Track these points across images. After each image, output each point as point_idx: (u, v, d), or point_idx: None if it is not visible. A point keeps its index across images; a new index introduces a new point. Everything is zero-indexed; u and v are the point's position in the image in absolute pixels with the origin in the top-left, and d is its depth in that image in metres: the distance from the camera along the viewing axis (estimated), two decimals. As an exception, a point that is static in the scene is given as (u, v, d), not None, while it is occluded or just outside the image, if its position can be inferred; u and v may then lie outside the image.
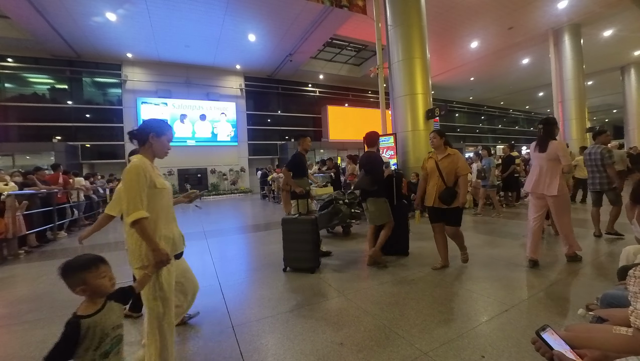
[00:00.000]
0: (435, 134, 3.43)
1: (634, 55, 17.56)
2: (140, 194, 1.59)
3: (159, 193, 1.73)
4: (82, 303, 1.27)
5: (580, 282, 2.91)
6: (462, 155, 4.07)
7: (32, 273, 4.18)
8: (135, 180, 1.60)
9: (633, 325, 0.92)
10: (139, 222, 1.54)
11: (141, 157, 1.75)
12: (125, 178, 1.62)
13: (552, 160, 3.26)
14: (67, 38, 12.78)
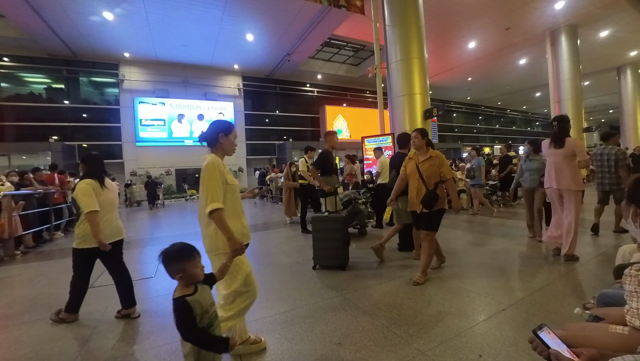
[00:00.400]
0: (417, 133, 3.17)
1: (630, 56, 17.69)
2: (217, 188, 1.78)
3: (230, 188, 1.90)
4: (177, 289, 1.40)
5: (576, 281, 2.93)
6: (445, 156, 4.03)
7: (28, 273, 4.15)
8: (213, 175, 1.80)
9: (629, 324, 0.92)
10: (215, 212, 1.71)
11: (215, 155, 1.92)
12: (204, 174, 1.79)
13: (569, 156, 3.37)
14: (63, 37, 12.72)
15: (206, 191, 1.76)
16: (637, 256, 1.94)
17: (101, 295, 3.17)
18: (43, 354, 2.12)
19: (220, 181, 1.81)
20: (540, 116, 35.24)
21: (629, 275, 0.94)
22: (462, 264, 3.57)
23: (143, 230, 7.43)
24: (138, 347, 2.16)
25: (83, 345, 2.20)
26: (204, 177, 1.79)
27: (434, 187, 3.03)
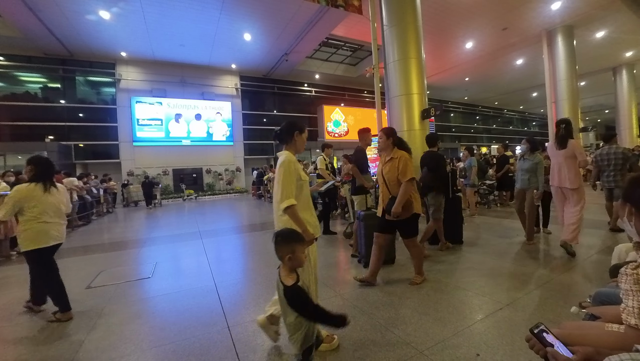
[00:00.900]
0: (381, 133, 2.95)
1: (625, 57, 17.82)
2: (291, 185, 1.90)
3: (304, 184, 2.02)
4: (283, 276, 1.48)
5: (573, 280, 2.95)
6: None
7: (24, 274, 4.10)
8: (289, 172, 1.91)
9: (625, 322, 0.93)
10: (290, 207, 1.85)
11: (289, 153, 2.04)
12: (280, 170, 1.90)
13: (570, 157, 3.60)
14: (59, 36, 12.62)
15: (281, 187, 1.89)
16: (633, 255, 1.96)
17: (98, 295, 3.16)
18: (39, 355, 2.11)
19: (295, 178, 1.94)
20: (536, 116, 35.41)
21: (625, 273, 0.95)
22: (459, 263, 3.58)
23: (140, 230, 7.39)
24: (136, 347, 2.15)
25: (80, 346, 2.19)
26: (279, 173, 1.91)
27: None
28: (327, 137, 19.99)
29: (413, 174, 2.83)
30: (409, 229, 2.95)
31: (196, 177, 17.47)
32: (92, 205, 9.75)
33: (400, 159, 2.85)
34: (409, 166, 2.82)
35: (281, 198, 1.86)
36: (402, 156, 2.86)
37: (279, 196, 1.88)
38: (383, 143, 2.95)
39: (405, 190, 2.77)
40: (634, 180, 1.03)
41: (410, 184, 2.79)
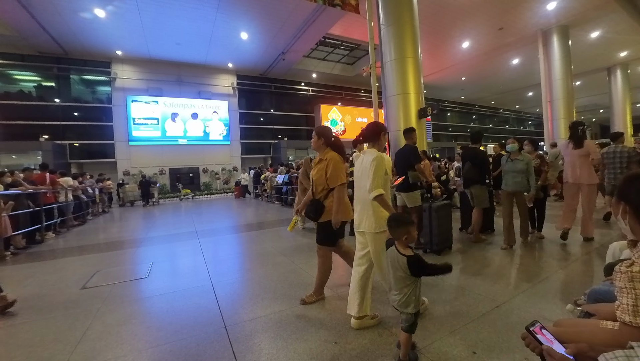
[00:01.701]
0: (314, 133, 2.74)
1: (619, 57, 17.98)
2: (381, 177, 2.16)
3: (387, 179, 2.24)
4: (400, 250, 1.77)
5: (568, 278, 2.97)
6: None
7: (19, 275, 4.08)
8: (380, 167, 2.16)
9: (619, 319, 0.94)
10: (380, 196, 2.10)
11: (376, 150, 2.30)
12: (373, 164, 2.15)
13: (584, 156, 4.05)
14: (54, 34, 12.50)
15: (373, 179, 2.14)
16: (627, 253, 1.98)
17: (93, 296, 3.13)
18: (34, 357, 2.08)
19: (383, 172, 2.18)
20: (532, 115, 35.66)
21: (619, 271, 0.96)
22: (455, 262, 3.59)
23: (136, 230, 7.35)
24: (132, 348, 2.14)
25: (75, 347, 2.17)
26: (372, 167, 2.15)
27: (325, 195, 2.63)
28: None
29: (344, 178, 2.59)
30: (322, 235, 2.68)
31: (193, 176, 17.40)
32: (88, 205, 9.68)
33: (329, 162, 2.59)
34: (338, 169, 2.58)
35: (372, 188, 2.12)
36: (332, 158, 2.60)
37: (369, 186, 2.13)
38: (315, 143, 2.73)
39: (338, 196, 2.56)
40: (628, 178, 1.03)
41: (342, 189, 2.57)
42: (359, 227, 2.33)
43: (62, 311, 2.81)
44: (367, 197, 2.18)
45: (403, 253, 1.75)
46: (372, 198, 2.11)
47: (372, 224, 2.21)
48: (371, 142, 2.37)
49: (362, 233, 2.33)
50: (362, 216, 2.30)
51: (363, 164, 2.27)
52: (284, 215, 8.44)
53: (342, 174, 2.59)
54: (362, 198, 2.29)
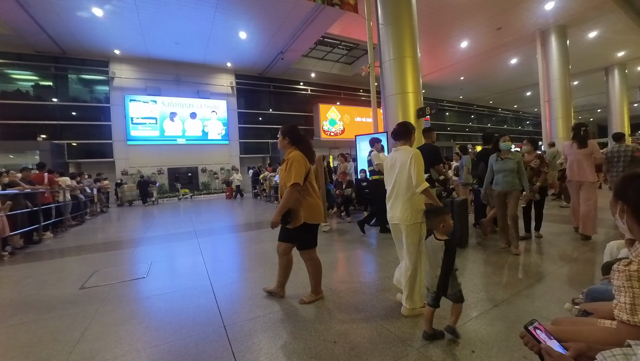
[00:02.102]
0: (279, 132, 2.71)
1: (617, 57, 18.04)
2: (423, 171, 2.35)
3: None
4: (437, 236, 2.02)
5: (566, 278, 2.98)
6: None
7: (16, 275, 4.07)
8: (421, 161, 2.34)
9: (617, 318, 0.94)
10: (426, 189, 2.29)
11: (409, 147, 2.48)
12: (414, 160, 2.32)
13: (588, 155, 4.24)
14: (51, 33, 12.43)
15: (417, 173, 2.30)
16: (625, 252, 1.98)
17: (92, 296, 3.12)
18: (32, 357, 2.08)
19: (423, 166, 2.36)
20: (530, 115, 35.74)
21: (617, 270, 0.96)
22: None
23: (134, 230, 7.33)
24: (131, 348, 2.13)
25: (73, 348, 2.17)
26: (414, 162, 2.31)
27: None
28: (323, 136, 19.98)
29: (299, 178, 2.46)
30: (300, 240, 2.64)
31: (191, 176, 17.37)
32: (86, 204, 9.65)
33: (291, 159, 2.51)
34: (295, 168, 2.46)
35: (418, 182, 2.28)
36: (293, 157, 2.52)
37: (416, 180, 2.29)
38: (280, 143, 2.70)
39: (287, 196, 2.44)
40: (625, 178, 1.04)
41: (294, 189, 2.44)
42: (392, 219, 2.46)
43: (60, 311, 2.80)
44: (402, 190, 2.36)
45: (440, 238, 2.00)
46: (420, 192, 2.28)
47: (408, 216, 2.33)
48: (403, 140, 2.52)
49: (397, 226, 2.45)
50: (395, 209, 2.42)
51: (399, 160, 2.40)
52: (282, 214, 8.43)
53: (298, 174, 2.47)
54: (396, 192, 2.42)
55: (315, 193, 2.66)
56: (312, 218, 2.59)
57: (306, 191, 2.57)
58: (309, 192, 2.60)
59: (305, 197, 2.56)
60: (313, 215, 2.59)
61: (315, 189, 2.69)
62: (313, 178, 2.69)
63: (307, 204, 2.56)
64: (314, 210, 2.60)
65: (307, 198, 2.58)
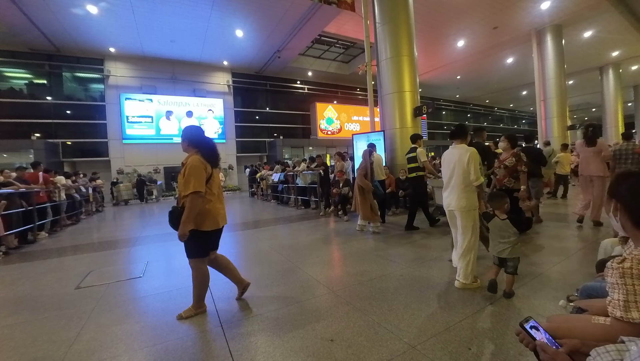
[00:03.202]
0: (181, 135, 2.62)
1: (611, 56, 18.21)
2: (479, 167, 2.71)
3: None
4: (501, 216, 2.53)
5: (560, 275, 3.01)
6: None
7: (11, 275, 4.03)
8: (477, 158, 2.74)
9: (611, 315, 0.96)
10: (480, 185, 2.73)
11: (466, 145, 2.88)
12: (472, 158, 2.70)
13: (597, 153, 4.75)
14: (45, 31, 12.29)
15: (475, 169, 2.68)
16: (618, 249, 2.01)
17: (87, 296, 3.10)
18: (28, 358, 2.06)
19: (479, 162, 2.71)
20: (526, 114, 35.97)
21: (611, 267, 0.97)
22: (449, 261, 3.62)
23: (130, 229, 7.29)
24: (127, 348, 2.12)
25: (69, 348, 2.15)
26: (472, 160, 2.67)
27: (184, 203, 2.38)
28: (319, 135, 19.98)
29: (200, 185, 2.31)
30: (186, 247, 2.48)
31: (188, 174, 17.27)
32: (81, 203, 9.57)
33: (187, 165, 2.36)
34: (194, 176, 2.31)
35: (476, 178, 2.68)
36: (190, 162, 2.36)
37: (474, 176, 2.68)
38: (182, 146, 2.56)
39: (189, 205, 2.30)
40: (619, 176, 1.05)
41: (195, 197, 2.30)
42: (449, 206, 2.86)
43: (56, 311, 2.78)
44: (459, 182, 2.74)
45: (503, 218, 2.52)
46: (478, 185, 2.71)
47: (464, 204, 2.74)
48: (460, 139, 2.89)
49: (452, 212, 2.85)
50: (452, 198, 2.82)
51: (456, 156, 2.79)
52: (279, 213, 8.43)
53: (198, 181, 2.31)
54: (453, 183, 2.81)
55: (214, 198, 2.50)
56: (204, 225, 2.42)
57: (204, 196, 2.42)
58: (206, 197, 2.44)
59: (200, 205, 2.39)
60: (205, 221, 2.42)
61: (215, 194, 2.52)
62: (215, 182, 2.54)
63: (201, 210, 2.39)
64: (207, 217, 2.43)
65: (205, 206, 2.42)
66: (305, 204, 9.23)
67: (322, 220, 6.88)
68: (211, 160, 2.51)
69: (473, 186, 2.72)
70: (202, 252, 2.53)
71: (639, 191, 0.97)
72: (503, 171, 4.16)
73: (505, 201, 2.55)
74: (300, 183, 9.08)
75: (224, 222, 2.62)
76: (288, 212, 8.50)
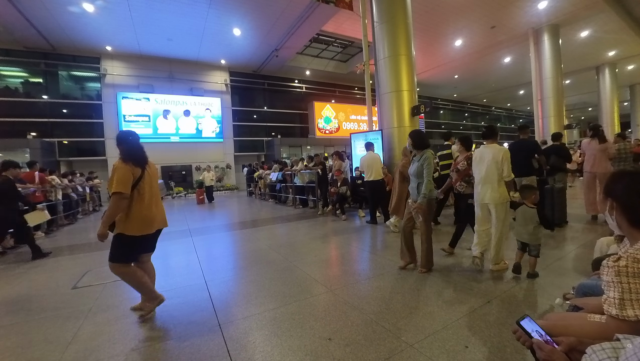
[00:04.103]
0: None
1: (608, 56, 18.30)
2: (511, 165, 3.09)
3: None
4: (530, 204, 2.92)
5: (557, 274, 3.03)
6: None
7: (7, 275, 4.00)
8: (509, 156, 3.10)
9: (606, 313, 0.96)
10: (512, 180, 3.13)
11: (497, 144, 3.23)
12: (505, 155, 3.06)
13: (603, 150, 5.13)
14: (40, 29, 12.18)
15: (507, 167, 3.03)
16: (614, 248, 2.03)
17: (84, 296, 3.09)
18: (24, 359, 2.05)
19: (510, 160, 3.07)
20: (523, 113, 36.11)
21: (607, 266, 0.98)
22: (447, 257, 3.64)
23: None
24: (124, 348, 2.12)
25: (66, 348, 2.14)
26: (506, 158, 3.04)
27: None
28: (317, 134, 19.96)
29: (122, 187, 2.27)
30: (110, 250, 2.41)
31: (185, 174, 17.23)
32: (78, 203, 9.51)
33: (113, 168, 2.37)
34: (117, 176, 2.29)
35: (508, 174, 3.04)
36: (117, 164, 2.36)
37: (507, 172, 3.04)
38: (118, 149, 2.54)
39: (110, 206, 2.29)
40: (614, 176, 1.06)
41: (117, 198, 2.26)
42: (483, 200, 3.17)
43: (52, 311, 2.76)
44: (493, 178, 3.07)
45: (531, 207, 2.87)
46: (509, 180, 3.08)
47: (497, 197, 3.06)
48: (491, 139, 3.22)
49: (485, 205, 3.18)
50: (485, 191, 3.13)
51: (489, 155, 3.11)
52: (277, 212, 8.42)
53: (120, 182, 2.27)
54: (486, 178, 3.12)
55: (143, 200, 2.42)
56: (129, 228, 2.35)
57: (133, 199, 2.37)
58: (135, 200, 2.38)
59: (129, 206, 2.35)
60: (131, 225, 2.36)
61: (146, 196, 2.44)
62: (147, 185, 2.47)
63: (128, 214, 2.35)
64: (134, 221, 2.37)
65: (131, 207, 2.36)
66: (303, 203, 9.23)
67: (320, 220, 6.89)
68: (134, 160, 2.42)
69: (504, 181, 3.07)
70: (126, 257, 2.43)
71: (634, 190, 0.97)
72: (455, 175, 3.89)
73: (534, 192, 2.91)
74: (299, 183, 9.07)
75: (161, 225, 2.57)
76: (286, 211, 8.50)
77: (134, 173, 2.37)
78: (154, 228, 2.52)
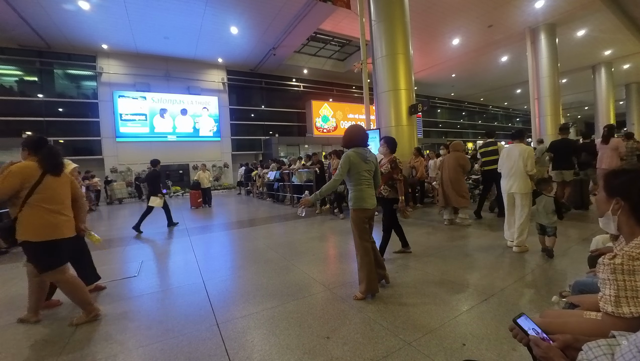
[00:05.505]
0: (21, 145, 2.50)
1: (604, 55, 18.41)
2: (534, 161, 3.70)
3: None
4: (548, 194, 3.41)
5: (553, 271, 3.06)
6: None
7: (3, 275, 3.98)
8: (532, 154, 3.70)
9: (602, 310, 0.97)
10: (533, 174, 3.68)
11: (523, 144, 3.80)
12: (529, 154, 3.64)
13: (613, 150, 5.67)
14: (35, 27, 12.07)
15: (531, 163, 3.60)
16: (610, 245, 2.04)
17: (81, 296, 3.07)
18: (20, 359, 2.04)
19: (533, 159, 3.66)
20: (520, 112, 36.28)
21: (602, 263, 0.99)
22: (445, 257, 3.65)
23: (124, 228, 7.21)
24: (122, 348, 2.11)
25: (63, 348, 2.13)
26: (529, 156, 3.61)
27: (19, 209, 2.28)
28: (315, 133, 19.94)
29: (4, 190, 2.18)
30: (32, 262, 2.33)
31: (182, 173, 17.16)
32: (74, 202, 9.43)
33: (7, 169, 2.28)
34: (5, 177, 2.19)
35: (531, 169, 3.60)
36: (14, 166, 2.28)
37: (530, 167, 3.60)
38: (21, 155, 2.48)
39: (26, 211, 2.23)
40: (609, 174, 1.06)
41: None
42: (510, 190, 3.73)
43: (49, 311, 2.75)
44: (520, 172, 3.62)
45: (550, 196, 3.37)
46: (531, 174, 3.62)
47: (522, 188, 3.63)
48: (519, 139, 3.86)
49: (512, 195, 3.75)
50: (512, 183, 3.71)
51: (517, 152, 3.67)
52: (275, 211, 8.41)
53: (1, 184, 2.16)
54: (514, 172, 3.68)
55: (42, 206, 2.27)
56: (36, 234, 2.24)
57: (31, 205, 2.24)
58: (34, 205, 2.25)
59: (23, 210, 2.23)
60: (29, 231, 2.24)
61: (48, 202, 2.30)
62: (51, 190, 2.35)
63: (25, 218, 2.23)
64: (33, 227, 2.24)
65: (26, 212, 2.24)
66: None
67: (317, 218, 6.89)
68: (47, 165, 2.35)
69: (528, 174, 3.61)
70: (51, 262, 2.31)
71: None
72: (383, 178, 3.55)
73: (550, 184, 3.54)
74: (296, 181, 9.06)
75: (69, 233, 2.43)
76: (284, 210, 8.49)
77: (33, 176, 2.27)
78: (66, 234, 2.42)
